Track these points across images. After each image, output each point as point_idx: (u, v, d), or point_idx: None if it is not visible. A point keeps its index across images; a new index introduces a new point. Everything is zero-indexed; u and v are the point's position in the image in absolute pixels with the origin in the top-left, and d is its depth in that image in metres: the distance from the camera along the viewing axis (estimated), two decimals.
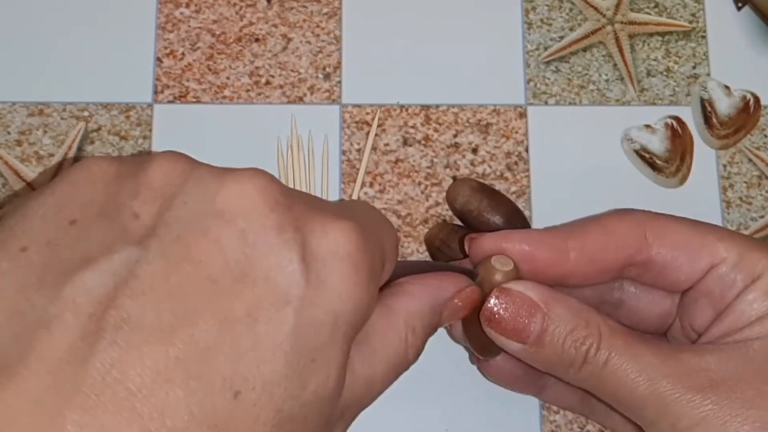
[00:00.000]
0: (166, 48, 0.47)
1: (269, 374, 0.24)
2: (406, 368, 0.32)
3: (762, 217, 0.45)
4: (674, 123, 0.46)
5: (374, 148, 0.46)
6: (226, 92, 0.46)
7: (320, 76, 0.47)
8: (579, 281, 0.36)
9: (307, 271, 0.26)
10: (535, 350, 0.34)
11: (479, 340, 0.36)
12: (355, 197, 0.44)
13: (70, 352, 0.23)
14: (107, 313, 0.23)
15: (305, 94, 0.46)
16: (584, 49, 0.47)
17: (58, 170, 0.45)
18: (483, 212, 0.43)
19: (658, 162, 0.45)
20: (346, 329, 0.27)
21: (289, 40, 0.47)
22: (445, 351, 0.42)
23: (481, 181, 0.45)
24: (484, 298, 0.34)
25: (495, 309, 0.34)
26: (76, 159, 0.45)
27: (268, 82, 0.46)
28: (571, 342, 0.33)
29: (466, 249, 0.37)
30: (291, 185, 0.44)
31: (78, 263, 0.24)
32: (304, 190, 0.44)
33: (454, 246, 0.42)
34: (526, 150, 0.46)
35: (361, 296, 0.27)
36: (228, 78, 0.46)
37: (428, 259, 0.44)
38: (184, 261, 0.24)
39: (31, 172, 0.45)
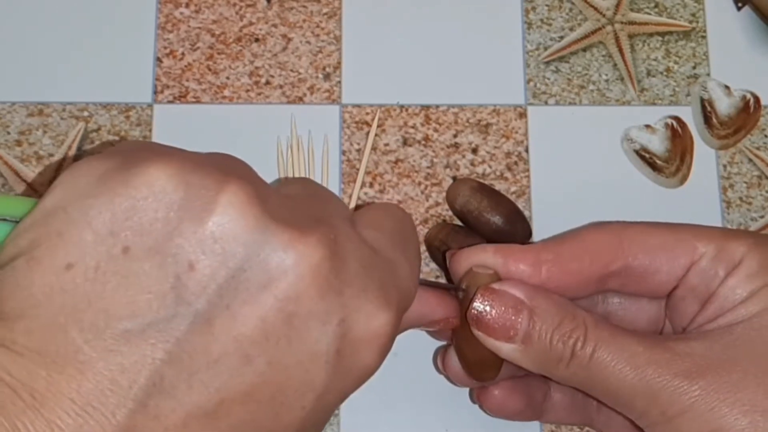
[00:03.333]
0: (166, 48, 0.47)
1: None
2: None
3: (762, 217, 0.45)
4: (674, 123, 0.46)
5: (374, 148, 0.46)
6: (226, 92, 0.46)
7: (320, 76, 0.47)
8: (558, 293, 0.36)
9: (338, 363, 0.26)
10: (523, 348, 0.34)
11: (474, 358, 0.36)
12: (354, 197, 0.44)
13: (97, 402, 0.23)
14: (141, 373, 0.23)
15: (305, 94, 0.46)
16: (584, 49, 0.47)
17: (58, 170, 0.45)
18: (483, 212, 0.43)
19: (658, 162, 0.45)
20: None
21: (289, 40, 0.47)
22: None
23: (481, 181, 0.45)
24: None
25: (481, 308, 0.34)
26: (76, 159, 0.45)
27: (268, 82, 0.46)
28: (559, 336, 0.33)
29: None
30: None
31: (123, 309, 0.24)
32: None
33: (455, 246, 0.42)
34: (526, 150, 0.46)
35: (374, 370, 0.28)
36: (228, 78, 0.46)
37: (428, 259, 0.44)
38: (227, 334, 0.24)
39: (30, 172, 0.45)
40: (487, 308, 0.34)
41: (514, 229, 0.43)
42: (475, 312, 0.34)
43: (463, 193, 0.43)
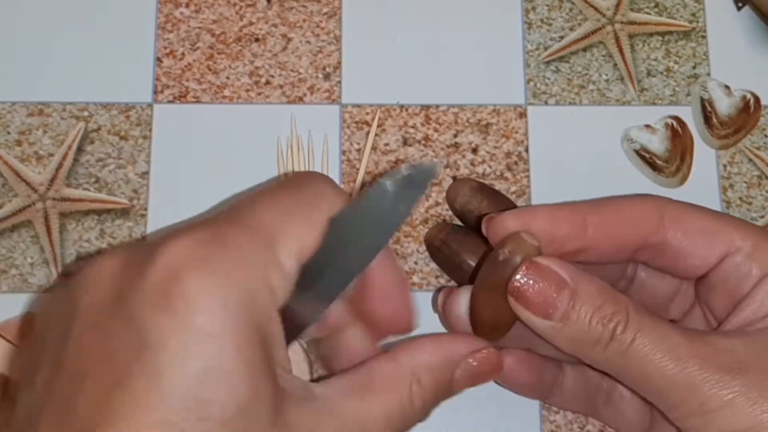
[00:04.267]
0: (166, 48, 0.47)
1: None
2: (413, 420, 0.32)
3: (762, 217, 0.45)
4: (674, 123, 0.46)
5: (374, 148, 0.46)
6: (226, 92, 0.46)
7: (320, 76, 0.47)
8: (595, 257, 0.36)
9: None
10: (561, 327, 0.33)
11: (490, 319, 0.35)
12: (355, 197, 0.44)
13: None
14: None
15: (305, 94, 0.46)
16: (584, 49, 0.47)
17: (58, 169, 0.45)
18: (483, 212, 0.43)
19: (658, 162, 0.45)
20: None
21: (289, 40, 0.47)
22: None
23: (481, 181, 0.45)
24: (511, 275, 0.34)
25: (524, 281, 0.33)
26: (76, 159, 0.45)
27: (268, 82, 0.46)
28: (599, 319, 0.33)
29: (484, 229, 0.36)
30: None
31: None
32: None
33: (455, 246, 0.42)
34: (526, 150, 0.46)
35: None
36: (228, 78, 0.46)
37: (428, 259, 0.44)
38: None
39: (31, 172, 0.45)
40: (531, 282, 0.33)
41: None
42: (518, 284, 0.33)
43: (463, 193, 0.43)
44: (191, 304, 0.27)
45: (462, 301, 0.37)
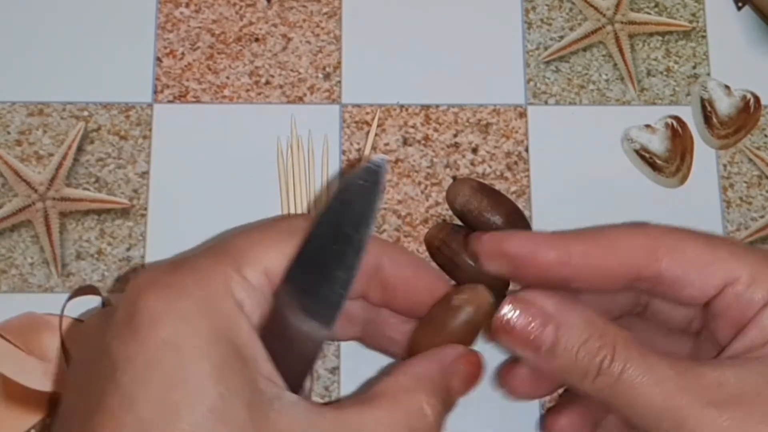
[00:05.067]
0: (166, 48, 0.47)
1: None
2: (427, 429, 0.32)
3: (762, 216, 0.45)
4: (674, 123, 0.46)
5: (374, 148, 0.46)
6: (226, 92, 0.46)
7: (320, 75, 0.47)
8: (583, 287, 0.36)
9: None
10: (548, 360, 0.34)
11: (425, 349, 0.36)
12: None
13: None
14: None
15: (305, 94, 0.46)
16: (584, 49, 0.47)
17: (58, 169, 0.45)
18: (483, 212, 0.43)
19: (659, 162, 0.45)
20: None
21: (289, 39, 0.47)
22: None
23: (481, 180, 0.45)
24: (455, 321, 0.35)
25: (509, 317, 0.33)
26: (76, 159, 0.45)
27: (268, 82, 0.46)
28: (585, 353, 0.33)
29: (469, 248, 0.37)
30: (291, 185, 0.44)
31: None
32: (304, 190, 0.44)
33: (455, 246, 0.42)
34: (526, 150, 0.46)
35: None
36: (228, 78, 0.46)
37: (428, 259, 0.44)
38: None
39: (31, 171, 0.45)
40: (515, 317, 0.33)
41: (515, 228, 0.43)
42: (500, 320, 0.34)
43: (463, 193, 0.43)
44: (152, 320, 0.29)
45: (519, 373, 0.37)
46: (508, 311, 0.33)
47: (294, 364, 0.31)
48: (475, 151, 0.46)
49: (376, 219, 0.33)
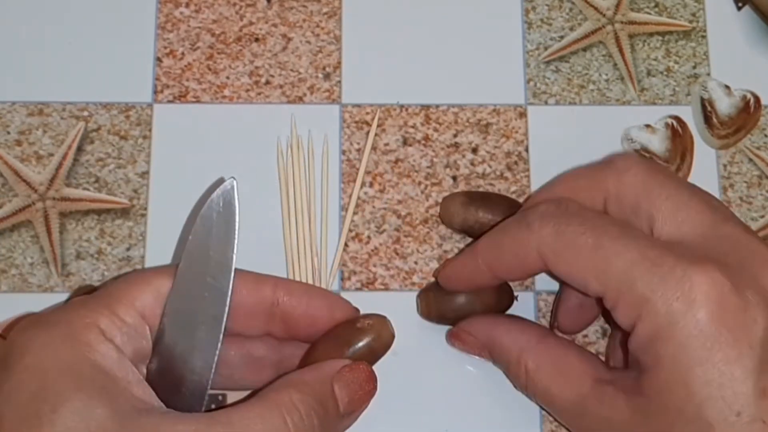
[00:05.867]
0: (166, 48, 0.47)
1: None
2: None
3: (762, 216, 0.45)
4: (674, 123, 0.46)
5: (374, 148, 0.46)
6: (226, 92, 0.46)
7: (320, 75, 0.47)
8: (510, 279, 0.40)
9: None
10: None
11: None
12: (354, 197, 0.44)
13: None
14: None
15: (305, 94, 0.46)
16: (584, 49, 0.47)
17: (58, 169, 0.45)
18: (482, 222, 0.42)
19: (659, 162, 0.45)
20: None
21: (289, 39, 0.47)
22: (445, 351, 0.42)
23: (467, 189, 0.44)
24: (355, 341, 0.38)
25: (455, 345, 0.42)
26: (76, 159, 0.45)
27: (268, 82, 0.46)
28: (513, 370, 0.39)
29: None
30: (291, 185, 0.44)
31: None
32: (303, 189, 0.44)
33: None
34: (526, 150, 0.46)
35: None
36: (228, 78, 0.46)
37: (428, 259, 0.44)
38: None
39: (30, 171, 0.45)
40: (458, 345, 0.42)
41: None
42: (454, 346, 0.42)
43: (456, 212, 0.43)
44: (20, 352, 0.32)
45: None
46: (452, 343, 0.42)
47: (186, 392, 0.35)
48: (475, 151, 0.46)
49: (236, 239, 0.35)
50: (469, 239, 0.44)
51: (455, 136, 0.46)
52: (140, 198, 0.45)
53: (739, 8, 0.48)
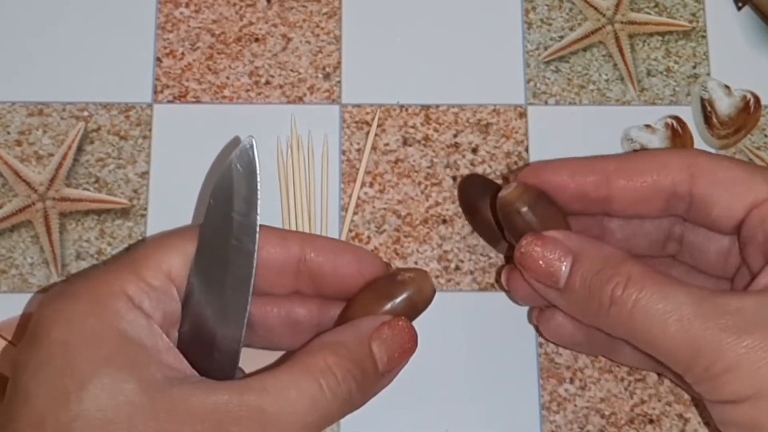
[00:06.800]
0: (165, 48, 0.47)
1: None
2: (337, 405, 0.32)
3: None
4: (674, 123, 0.46)
5: (374, 148, 0.46)
6: (226, 92, 0.46)
7: (320, 75, 0.47)
8: (623, 207, 0.36)
9: None
10: (566, 294, 0.34)
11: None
12: (354, 197, 0.44)
13: None
14: None
15: (305, 94, 0.46)
16: (584, 49, 0.47)
17: (58, 169, 0.45)
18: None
19: None
20: None
21: (289, 40, 0.47)
22: (445, 351, 0.42)
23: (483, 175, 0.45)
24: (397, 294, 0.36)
25: (528, 250, 0.35)
26: (76, 159, 0.45)
27: (267, 82, 0.46)
28: (598, 281, 0.33)
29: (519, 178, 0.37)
30: (291, 185, 0.44)
31: None
32: (303, 190, 0.44)
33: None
34: (526, 150, 0.46)
35: None
36: (228, 78, 0.46)
37: (428, 258, 0.44)
38: None
39: (30, 171, 0.45)
40: (535, 251, 0.35)
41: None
42: (522, 251, 0.35)
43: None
44: (45, 326, 0.32)
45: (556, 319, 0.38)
46: (528, 244, 0.35)
47: (219, 356, 0.33)
48: (475, 151, 0.46)
49: (259, 198, 0.34)
50: (470, 239, 0.44)
51: (455, 136, 0.46)
52: (140, 198, 0.45)
53: (739, 8, 0.48)
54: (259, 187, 0.34)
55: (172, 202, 0.44)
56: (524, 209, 0.37)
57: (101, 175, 0.45)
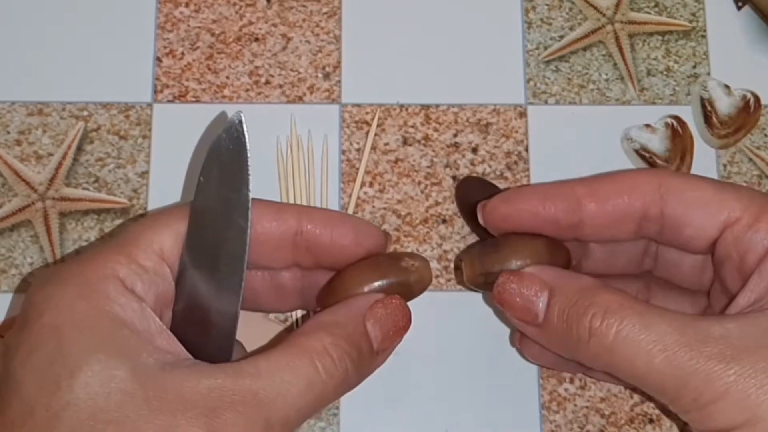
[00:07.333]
0: (165, 47, 0.47)
1: None
2: (335, 384, 0.32)
3: None
4: (674, 122, 0.46)
5: (374, 148, 0.46)
6: (226, 92, 0.46)
7: (320, 75, 0.47)
8: (595, 232, 0.35)
9: None
10: (546, 330, 0.34)
11: (341, 293, 0.36)
12: (354, 197, 0.44)
13: None
14: None
15: (305, 94, 0.46)
16: (584, 49, 0.47)
17: (58, 169, 0.45)
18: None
19: (658, 161, 0.45)
20: None
21: (289, 39, 0.47)
22: (444, 351, 0.42)
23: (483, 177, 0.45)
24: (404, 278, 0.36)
25: (505, 288, 0.34)
26: (75, 159, 0.45)
27: (267, 82, 0.46)
28: (575, 314, 0.32)
29: (480, 217, 0.37)
30: (291, 185, 0.44)
31: None
32: (303, 189, 0.44)
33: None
34: (526, 150, 0.46)
35: None
36: (228, 77, 0.46)
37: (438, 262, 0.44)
38: None
39: (30, 171, 0.45)
40: (511, 288, 0.34)
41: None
42: (500, 290, 0.34)
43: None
44: (36, 311, 0.31)
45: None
46: (503, 282, 0.34)
47: (215, 333, 0.33)
48: (475, 150, 0.46)
49: (250, 173, 0.34)
50: (470, 239, 0.44)
51: (455, 135, 0.46)
52: (140, 198, 0.45)
53: (739, 8, 0.48)
54: (249, 162, 0.34)
55: (172, 201, 0.44)
56: (481, 280, 0.37)
57: (101, 174, 0.45)
